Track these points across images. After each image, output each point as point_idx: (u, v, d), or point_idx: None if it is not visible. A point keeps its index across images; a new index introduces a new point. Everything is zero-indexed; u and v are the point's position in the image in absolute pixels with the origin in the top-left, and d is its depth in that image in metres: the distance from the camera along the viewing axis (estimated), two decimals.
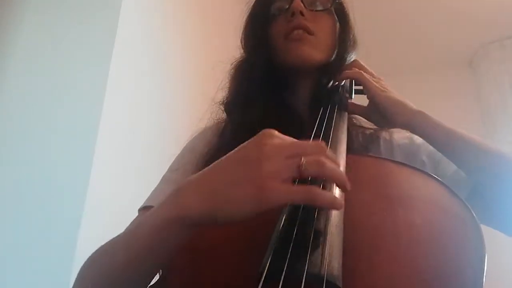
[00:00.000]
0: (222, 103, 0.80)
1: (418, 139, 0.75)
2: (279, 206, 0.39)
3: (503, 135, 2.66)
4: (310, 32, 0.73)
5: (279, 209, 0.45)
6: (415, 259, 0.43)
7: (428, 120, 0.67)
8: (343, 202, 0.41)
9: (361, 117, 0.79)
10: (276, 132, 0.43)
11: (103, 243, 0.53)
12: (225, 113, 0.79)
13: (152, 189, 0.72)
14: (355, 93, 0.79)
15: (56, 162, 1.22)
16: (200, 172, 0.44)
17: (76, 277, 0.53)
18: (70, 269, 1.04)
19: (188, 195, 0.42)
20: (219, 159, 0.43)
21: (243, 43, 0.84)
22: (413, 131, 0.69)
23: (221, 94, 0.81)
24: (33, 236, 1.13)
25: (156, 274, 0.47)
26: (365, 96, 0.75)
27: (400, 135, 0.77)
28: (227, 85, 0.82)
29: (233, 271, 0.44)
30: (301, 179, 0.40)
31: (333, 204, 0.40)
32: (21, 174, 1.24)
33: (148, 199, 0.71)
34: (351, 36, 0.81)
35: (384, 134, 0.78)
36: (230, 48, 0.88)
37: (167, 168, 0.76)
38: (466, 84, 3.01)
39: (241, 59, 0.83)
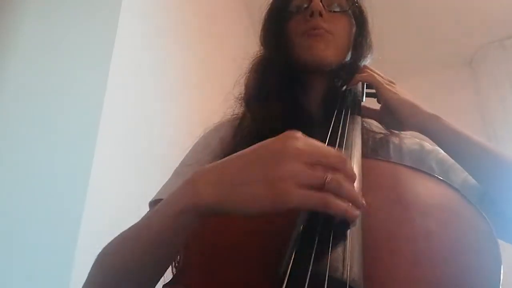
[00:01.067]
0: (241, 98, 0.81)
1: (428, 146, 0.75)
2: (291, 209, 0.39)
3: (503, 135, 2.66)
4: (328, 32, 0.74)
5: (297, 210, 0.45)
6: (431, 267, 0.43)
7: (441, 123, 0.67)
8: (357, 212, 0.41)
9: (371, 121, 0.79)
10: (300, 134, 0.42)
11: (103, 242, 0.53)
12: (244, 107, 0.79)
13: (154, 187, 0.72)
14: (366, 96, 0.79)
15: (56, 162, 1.22)
16: (218, 162, 0.44)
17: (88, 276, 0.53)
18: (70, 269, 1.04)
19: (203, 184, 0.42)
20: (237, 152, 0.44)
21: (261, 40, 0.85)
22: (425, 133, 0.68)
23: (238, 89, 0.83)
24: (33, 236, 1.13)
25: (168, 265, 0.47)
26: (375, 100, 0.75)
27: (410, 141, 0.77)
28: (246, 80, 0.83)
29: (251, 269, 0.44)
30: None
31: (347, 213, 0.40)
32: (21, 174, 1.24)
33: (159, 192, 0.70)
34: (368, 41, 0.81)
35: (394, 139, 0.77)
36: (231, 47, 0.89)
37: (166, 167, 0.76)
38: (466, 84, 3.01)
39: (260, 55, 0.84)
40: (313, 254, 0.39)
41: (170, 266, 0.53)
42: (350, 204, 0.42)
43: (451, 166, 0.70)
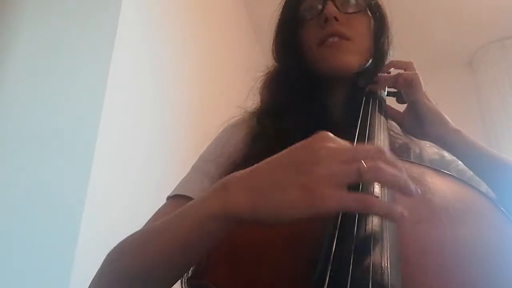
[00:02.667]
0: (254, 112, 0.77)
1: (448, 156, 0.74)
2: (330, 213, 0.37)
3: (503, 135, 2.66)
4: (346, 38, 0.70)
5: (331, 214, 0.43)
6: (460, 270, 0.42)
7: (464, 139, 0.66)
8: (400, 210, 0.38)
9: (394, 125, 0.77)
10: (331, 135, 0.40)
11: (103, 242, 0.53)
12: (256, 122, 0.75)
13: (154, 187, 0.72)
14: (387, 95, 0.77)
15: (56, 162, 1.22)
16: (249, 168, 0.42)
17: (102, 265, 0.50)
18: (70, 269, 1.04)
19: (236, 191, 0.40)
20: (270, 158, 0.42)
21: (274, 53, 0.81)
22: (446, 146, 0.68)
23: (250, 102, 0.80)
24: (33, 236, 1.13)
25: (189, 268, 0.46)
26: (394, 99, 0.74)
27: (430, 150, 0.76)
28: (259, 94, 0.79)
29: (281, 273, 0.43)
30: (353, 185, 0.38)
31: (390, 213, 0.38)
32: (21, 174, 1.24)
33: (178, 187, 0.68)
34: (389, 36, 0.79)
35: (415, 147, 0.75)
36: (232, 47, 0.88)
37: (166, 167, 0.76)
38: (466, 84, 3.01)
39: (273, 68, 0.80)
40: (351, 257, 0.37)
41: None
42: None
43: (472, 177, 0.68)
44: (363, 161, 0.37)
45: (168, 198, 0.67)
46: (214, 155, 0.71)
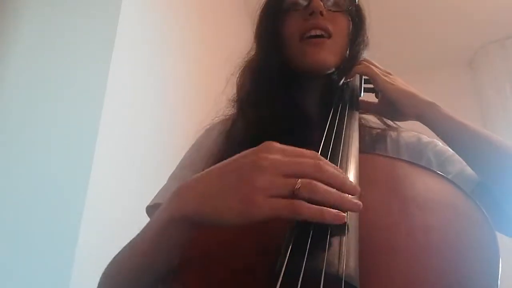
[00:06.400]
0: (233, 100, 0.80)
1: (425, 138, 0.75)
2: (262, 220, 0.39)
3: (503, 135, 2.65)
4: (329, 33, 0.72)
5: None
6: (432, 262, 0.42)
7: (440, 111, 0.67)
8: (336, 215, 0.39)
9: (368, 118, 0.79)
10: (277, 146, 0.42)
11: (103, 242, 0.53)
12: (237, 110, 0.78)
13: (153, 187, 0.72)
14: (364, 91, 0.78)
15: (57, 162, 1.22)
16: (200, 174, 0.45)
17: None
18: (70, 269, 1.04)
19: (185, 196, 0.43)
20: (219, 163, 0.44)
21: (256, 40, 0.82)
22: (425, 122, 0.68)
23: (231, 89, 0.81)
24: (33, 237, 1.13)
25: (164, 273, 0.47)
26: (373, 94, 0.75)
27: (407, 134, 0.77)
28: (238, 81, 0.81)
29: (246, 270, 0.44)
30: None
31: (323, 217, 0.38)
32: (21, 174, 1.24)
33: (156, 196, 0.71)
34: (365, 38, 0.81)
35: (391, 133, 0.77)
36: (231, 46, 0.88)
37: (166, 167, 0.77)
38: (466, 84, 3.01)
39: (254, 55, 0.82)
40: (307, 249, 0.38)
41: None
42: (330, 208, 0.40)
43: (448, 158, 0.70)
44: (301, 175, 0.39)
45: (147, 208, 0.70)
46: (189, 160, 0.75)
